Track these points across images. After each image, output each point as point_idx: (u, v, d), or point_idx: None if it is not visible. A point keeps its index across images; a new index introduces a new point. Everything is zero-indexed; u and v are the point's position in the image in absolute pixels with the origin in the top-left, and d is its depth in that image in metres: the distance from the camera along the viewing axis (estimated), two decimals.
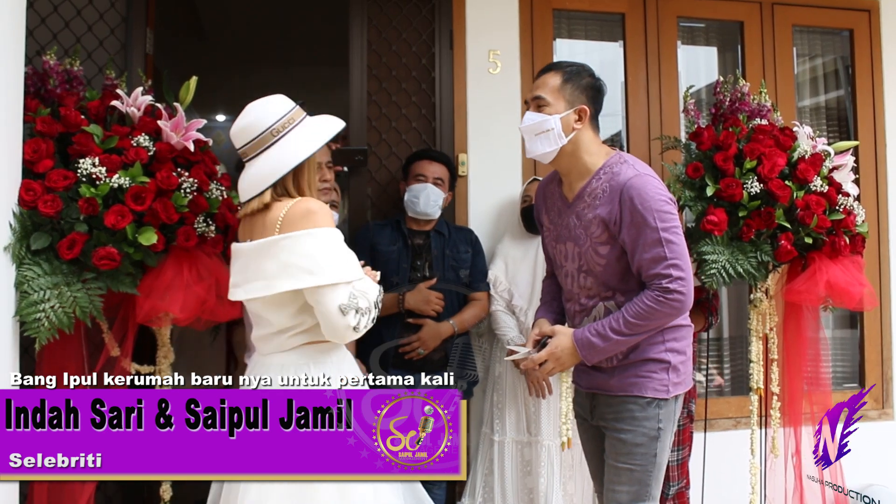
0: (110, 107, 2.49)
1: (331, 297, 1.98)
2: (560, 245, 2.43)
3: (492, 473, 3.35)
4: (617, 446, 2.35)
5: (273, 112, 2.09)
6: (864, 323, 4.03)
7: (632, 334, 2.24)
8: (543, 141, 2.33)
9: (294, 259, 1.99)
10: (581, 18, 4.02)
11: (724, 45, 4.23)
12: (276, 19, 5.42)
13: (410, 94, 3.69)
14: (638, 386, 2.32)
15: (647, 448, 2.31)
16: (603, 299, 2.34)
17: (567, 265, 2.41)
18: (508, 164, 3.70)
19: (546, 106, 2.33)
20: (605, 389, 2.37)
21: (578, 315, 2.41)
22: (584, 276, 2.36)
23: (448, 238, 3.29)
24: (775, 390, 3.09)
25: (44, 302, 2.24)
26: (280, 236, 2.01)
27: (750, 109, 3.09)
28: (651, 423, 2.31)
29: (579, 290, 2.39)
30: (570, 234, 2.37)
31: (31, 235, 2.29)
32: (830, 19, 4.14)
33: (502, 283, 3.38)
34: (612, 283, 2.33)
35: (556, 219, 2.45)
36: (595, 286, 2.35)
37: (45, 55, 2.54)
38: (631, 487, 2.31)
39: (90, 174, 2.32)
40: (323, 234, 2.02)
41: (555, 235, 2.45)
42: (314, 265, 1.98)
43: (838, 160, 3.02)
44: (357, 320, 2.01)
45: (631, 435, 2.32)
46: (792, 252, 2.85)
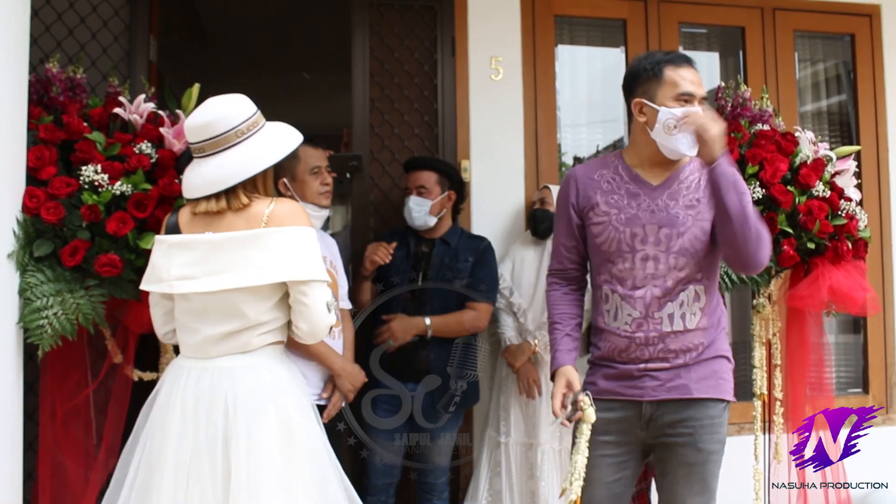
0: (113, 114, 2.49)
1: (318, 293, 2.05)
2: (634, 228, 2.28)
3: (498, 475, 3.35)
4: (691, 456, 2.23)
5: (239, 113, 2.08)
6: (868, 328, 4.02)
7: (750, 211, 2.16)
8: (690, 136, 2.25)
9: (288, 252, 2.01)
10: (583, 24, 4.03)
11: (726, 51, 4.23)
12: (278, 26, 5.43)
13: (413, 100, 3.70)
14: (718, 388, 2.26)
15: (719, 455, 2.26)
16: (693, 282, 2.26)
17: (646, 248, 2.27)
18: (511, 170, 3.71)
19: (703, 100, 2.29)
20: (683, 393, 2.24)
21: (658, 301, 2.25)
22: (675, 257, 2.25)
23: (452, 247, 3.23)
24: (778, 396, 3.09)
25: (47, 309, 2.25)
26: (272, 229, 2.02)
27: (752, 115, 3.09)
28: (724, 428, 2.26)
29: (666, 273, 2.26)
30: (657, 216, 2.27)
31: (35, 242, 2.30)
32: (832, 24, 4.14)
33: (505, 280, 3.39)
34: (703, 264, 2.27)
35: (625, 202, 2.31)
36: (689, 266, 2.25)
37: (48, 63, 2.55)
38: (702, 498, 2.24)
39: (92, 181, 2.33)
40: (312, 234, 2.08)
41: (624, 219, 2.29)
42: (308, 260, 2.03)
43: (840, 165, 3.02)
44: (334, 319, 2.12)
45: (708, 443, 2.23)
46: (794, 257, 2.85)
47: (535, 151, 3.74)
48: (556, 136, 3.81)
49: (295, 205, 2.13)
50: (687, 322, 2.25)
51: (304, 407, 2.12)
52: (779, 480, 3.11)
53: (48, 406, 2.47)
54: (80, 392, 2.49)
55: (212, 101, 2.09)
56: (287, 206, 2.09)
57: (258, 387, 2.03)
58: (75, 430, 2.51)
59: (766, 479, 3.14)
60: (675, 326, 2.25)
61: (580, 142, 4.10)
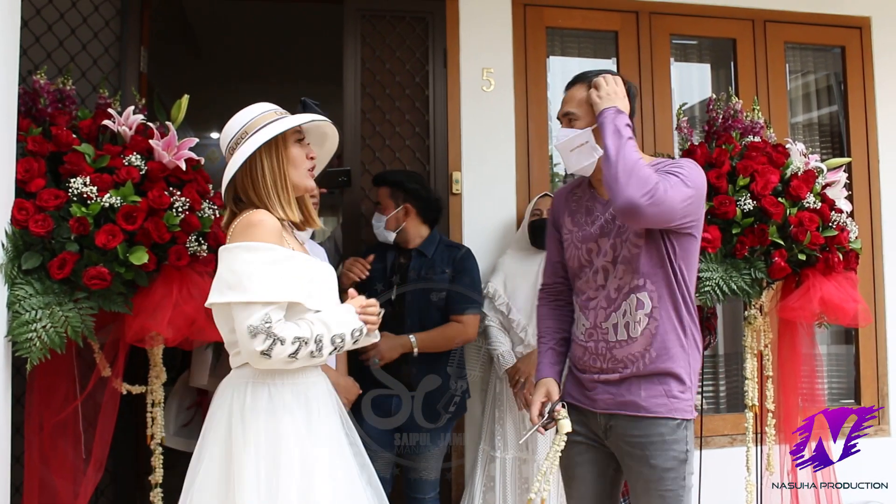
0: (102, 126, 2.48)
1: (242, 315, 1.86)
2: (589, 244, 2.36)
3: (491, 490, 3.33)
4: (645, 472, 2.25)
5: (240, 119, 2.04)
6: (860, 339, 4.03)
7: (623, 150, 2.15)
8: (579, 155, 2.31)
9: (222, 271, 1.91)
10: (574, 36, 4.03)
11: (717, 62, 4.25)
12: (270, 37, 5.44)
13: (404, 112, 3.70)
14: (668, 407, 2.24)
15: (677, 472, 2.23)
16: (633, 290, 2.26)
17: (597, 261, 2.33)
18: (502, 182, 3.71)
19: (577, 120, 2.31)
20: (631, 409, 2.26)
21: (604, 311, 2.31)
22: (616, 266, 2.29)
23: (429, 258, 3.18)
24: (770, 407, 3.08)
25: (35, 322, 2.23)
26: (223, 247, 1.96)
27: (743, 126, 3.10)
28: (680, 446, 2.23)
29: (609, 283, 2.31)
30: (603, 229, 2.32)
31: (23, 255, 2.29)
32: (822, 36, 4.16)
33: (501, 296, 3.37)
34: (644, 269, 2.25)
35: (583, 219, 2.39)
36: (627, 274, 2.27)
37: (36, 74, 2.54)
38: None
39: (81, 193, 2.32)
40: (255, 248, 1.90)
41: (581, 236, 2.38)
42: (236, 280, 1.87)
43: (831, 177, 3.03)
44: (267, 346, 1.85)
45: (660, 460, 2.23)
46: (785, 269, 2.85)
47: (526, 163, 3.74)
48: (548, 148, 3.81)
49: (251, 217, 1.95)
50: (630, 331, 2.27)
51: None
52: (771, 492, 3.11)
53: (35, 419, 2.45)
54: (67, 405, 2.47)
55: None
56: (244, 219, 1.96)
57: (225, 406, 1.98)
58: (63, 444, 2.49)
59: (759, 491, 3.13)
60: (620, 336, 2.29)
61: None
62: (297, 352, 1.89)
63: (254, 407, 1.93)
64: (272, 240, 1.92)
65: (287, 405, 1.96)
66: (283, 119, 2.03)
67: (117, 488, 3.16)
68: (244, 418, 1.92)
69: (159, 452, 2.68)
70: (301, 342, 1.89)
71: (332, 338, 1.95)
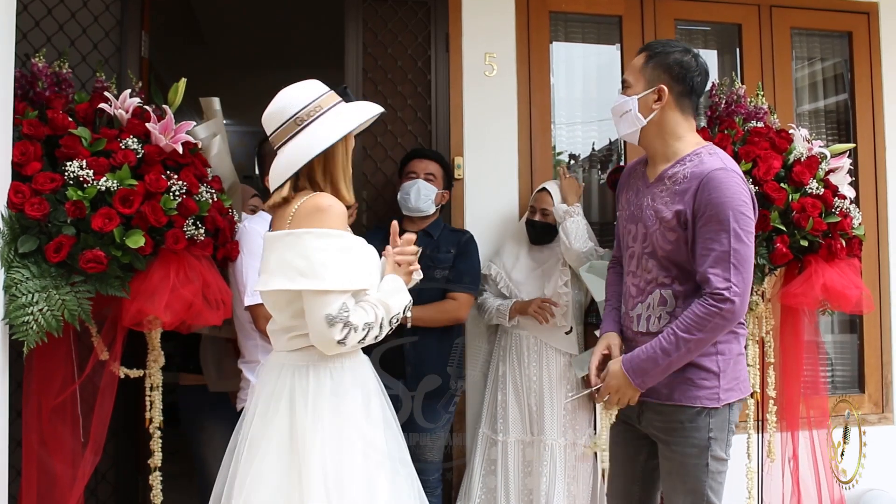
0: (99, 109, 2.48)
1: (320, 304, 1.85)
2: (631, 225, 2.36)
3: (492, 474, 3.33)
4: (668, 456, 2.29)
5: (300, 99, 1.98)
6: (864, 327, 4.00)
7: (683, 351, 2.14)
8: (625, 122, 2.32)
9: (290, 257, 1.87)
10: (578, 21, 4.00)
11: (723, 48, 4.20)
12: (272, 23, 5.42)
13: (406, 97, 3.68)
14: (688, 395, 2.23)
15: (699, 459, 2.23)
16: (660, 286, 2.26)
17: (634, 246, 2.34)
18: (505, 167, 3.69)
19: (629, 87, 2.31)
20: (654, 396, 2.28)
21: (633, 299, 2.35)
22: (646, 258, 2.29)
23: (435, 239, 3.27)
24: (772, 394, 3.07)
25: (32, 305, 2.23)
26: (284, 232, 1.92)
27: (746, 112, 3.08)
28: (701, 433, 2.22)
29: (640, 272, 2.32)
30: (641, 214, 2.31)
31: (19, 238, 2.28)
32: (829, 22, 4.11)
33: (503, 278, 3.41)
34: (672, 270, 2.24)
35: (633, 199, 2.38)
36: (655, 270, 2.27)
37: (34, 57, 2.53)
38: (686, 498, 2.25)
39: (77, 177, 2.31)
40: (328, 234, 1.89)
41: (628, 215, 2.38)
42: (309, 268, 1.85)
43: (834, 163, 3.00)
44: (344, 335, 1.86)
45: (680, 446, 2.24)
46: (787, 255, 2.83)
47: (529, 149, 3.72)
48: (551, 134, 3.79)
49: (318, 200, 1.93)
50: (651, 325, 2.28)
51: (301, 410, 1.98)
52: (772, 479, 3.10)
53: (34, 403, 2.46)
54: (65, 389, 2.47)
55: (282, 90, 2.02)
56: (309, 203, 1.93)
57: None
58: (61, 427, 2.49)
59: (760, 478, 3.12)
60: (640, 328, 2.31)
61: (575, 139, 4.06)
62: (365, 337, 1.92)
63: (318, 391, 1.95)
64: (341, 226, 1.93)
65: (347, 388, 1.99)
66: (357, 105, 2.05)
67: (118, 472, 3.16)
68: (311, 402, 1.93)
69: (158, 436, 2.68)
70: (369, 328, 1.92)
71: (391, 319, 1.98)
